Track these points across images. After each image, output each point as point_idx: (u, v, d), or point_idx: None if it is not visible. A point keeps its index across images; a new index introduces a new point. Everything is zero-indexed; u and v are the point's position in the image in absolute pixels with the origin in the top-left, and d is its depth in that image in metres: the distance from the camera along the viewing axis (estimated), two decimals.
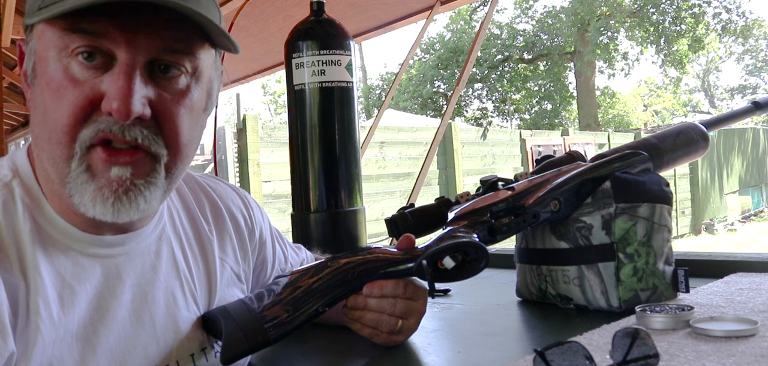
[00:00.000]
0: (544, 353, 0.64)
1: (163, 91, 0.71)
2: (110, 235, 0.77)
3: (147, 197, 0.72)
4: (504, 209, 1.03)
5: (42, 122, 0.70)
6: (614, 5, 17.71)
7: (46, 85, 0.69)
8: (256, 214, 1.00)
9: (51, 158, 0.70)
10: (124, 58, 0.68)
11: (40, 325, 0.69)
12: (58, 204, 0.74)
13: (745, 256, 1.25)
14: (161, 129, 0.71)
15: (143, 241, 0.81)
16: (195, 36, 0.72)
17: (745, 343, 0.76)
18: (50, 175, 0.72)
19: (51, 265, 0.72)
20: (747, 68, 24.49)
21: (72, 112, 0.68)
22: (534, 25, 20.37)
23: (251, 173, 6.29)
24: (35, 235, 0.72)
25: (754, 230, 12.02)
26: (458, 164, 8.57)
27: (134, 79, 0.68)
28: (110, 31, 0.67)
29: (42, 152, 0.72)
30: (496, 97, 21.72)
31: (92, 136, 0.68)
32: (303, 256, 1.13)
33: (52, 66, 0.69)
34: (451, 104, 3.84)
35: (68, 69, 0.68)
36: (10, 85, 6.76)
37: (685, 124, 1.22)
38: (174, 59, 0.71)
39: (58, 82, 0.68)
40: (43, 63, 0.70)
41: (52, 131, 0.69)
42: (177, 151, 0.73)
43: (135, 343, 0.77)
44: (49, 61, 0.69)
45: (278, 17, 3.28)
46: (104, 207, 0.70)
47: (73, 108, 0.68)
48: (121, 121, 0.67)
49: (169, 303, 0.82)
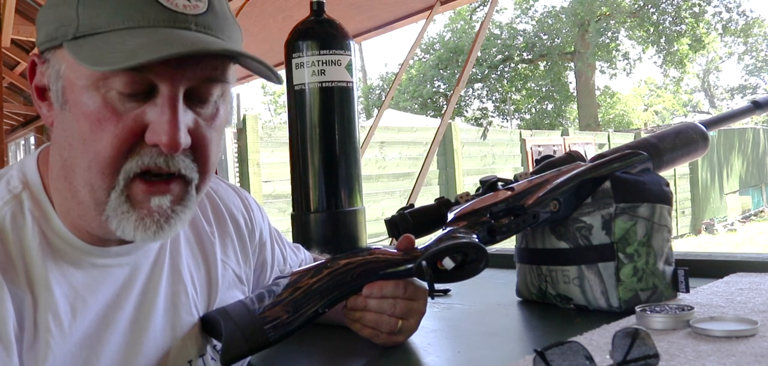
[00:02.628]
0: (544, 353, 0.64)
1: (198, 117, 0.72)
2: (117, 246, 0.77)
3: (183, 219, 0.73)
4: (504, 210, 1.03)
5: (80, 150, 0.69)
6: (614, 5, 17.71)
7: (82, 115, 0.68)
8: (257, 215, 1.00)
9: (88, 185, 0.70)
10: (168, 91, 0.68)
11: (50, 341, 0.69)
12: (67, 218, 0.74)
13: (745, 256, 1.25)
14: (196, 154, 0.72)
15: (148, 249, 0.81)
16: (228, 61, 0.73)
17: (745, 343, 0.76)
18: (82, 198, 0.71)
19: (62, 277, 0.72)
20: (747, 68, 24.49)
21: (117, 144, 0.68)
22: (534, 25, 20.36)
23: (251, 173, 6.29)
24: (45, 248, 0.72)
25: (754, 230, 12.02)
26: (458, 164, 8.57)
27: (179, 111, 0.68)
28: (153, 66, 0.66)
29: (75, 177, 0.71)
30: (496, 97, 21.72)
31: (136, 169, 0.69)
32: (302, 257, 1.13)
33: (88, 95, 0.68)
34: (451, 104, 3.84)
35: (107, 99, 0.67)
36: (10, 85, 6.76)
37: (685, 124, 1.22)
38: (211, 88, 0.72)
39: (98, 113, 0.67)
40: (75, 90, 0.68)
41: (94, 161, 0.68)
42: (207, 172, 0.75)
43: (136, 349, 0.77)
44: (85, 90, 0.68)
45: (278, 17, 3.28)
46: (145, 234, 0.71)
47: (118, 141, 0.68)
48: (170, 153, 0.68)
49: (170, 308, 0.82)
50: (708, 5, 18.38)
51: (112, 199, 0.70)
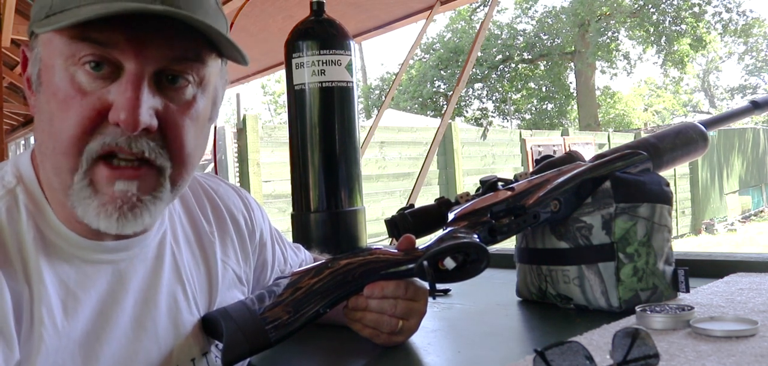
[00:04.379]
0: (544, 353, 0.64)
1: (170, 102, 0.71)
2: (112, 242, 0.76)
3: (152, 211, 0.71)
4: (504, 210, 1.03)
5: (47, 131, 0.69)
6: (614, 5, 17.71)
7: (52, 95, 0.68)
8: (257, 215, 1.00)
9: (55, 168, 0.70)
10: (132, 68, 0.67)
11: (44, 333, 0.69)
12: (61, 211, 0.74)
13: (745, 256, 1.25)
14: (167, 141, 0.71)
15: (146, 246, 0.80)
16: (203, 46, 0.71)
17: (745, 343, 0.76)
18: (53, 184, 0.71)
19: (54, 273, 0.72)
20: (747, 68, 24.48)
21: (79, 122, 0.67)
22: (534, 25, 20.36)
23: (251, 173, 6.29)
24: (39, 242, 0.72)
25: (754, 230, 12.02)
26: (458, 164, 8.57)
27: (142, 89, 0.67)
28: (118, 41, 0.66)
29: (46, 161, 0.71)
30: (496, 97, 21.71)
31: (98, 149, 0.68)
32: (302, 257, 1.13)
33: (58, 75, 0.68)
34: (451, 104, 3.84)
35: (75, 78, 0.67)
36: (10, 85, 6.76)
37: (684, 124, 1.22)
38: (182, 69, 0.71)
39: (65, 91, 0.67)
40: (49, 71, 0.69)
41: (58, 141, 0.68)
42: (181, 162, 0.73)
43: (137, 348, 0.77)
44: (55, 69, 0.68)
45: (278, 17, 3.28)
46: (108, 221, 0.69)
47: (81, 119, 0.67)
48: (129, 132, 0.67)
49: (171, 307, 0.81)
50: (708, 5, 18.38)
51: (76, 182, 0.68)
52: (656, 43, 18.79)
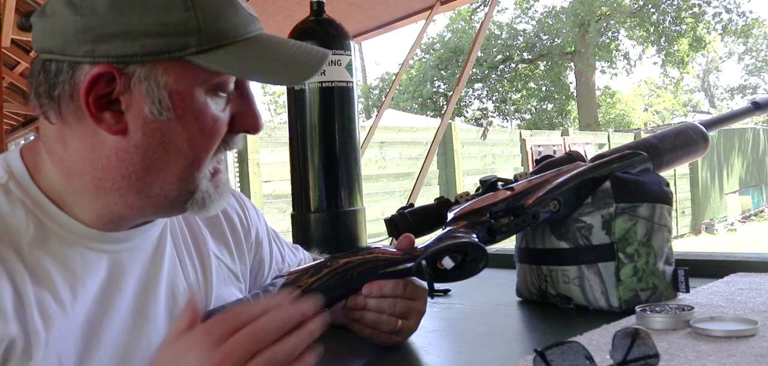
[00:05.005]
0: (544, 353, 0.64)
1: None
2: (116, 232, 0.78)
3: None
4: (503, 209, 1.03)
5: (184, 151, 0.73)
6: (614, 5, 17.71)
7: (194, 119, 0.73)
8: (252, 215, 1.01)
9: (180, 181, 0.75)
10: (245, 83, 0.78)
11: (55, 319, 0.70)
12: (70, 209, 0.75)
13: (745, 256, 1.25)
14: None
15: (146, 239, 0.82)
16: None
17: (745, 343, 0.76)
18: (159, 194, 0.75)
19: (59, 260, 0.73)
20: (747, 68, 24.48)
21: (218, 138, 0.75)
22: (534, 25, 20.35)
23: (251, 173, 6.29)
24: (40, 230, 0.72)
25: (754, 230, 12.02)
26: (458, 164, 8.57)
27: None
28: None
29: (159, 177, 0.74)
30: (496, 97, 21.71)
31: (222, 155, 0.78)
32: (300, 256, 1.14)
33: (199, 101, 0.73)
34: (451, 104, 3.85)
35: (214, 102, 0.74)
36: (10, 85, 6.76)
37: (685, 124, 1.22)
38: None
39: (210, 114, 0.74)
40: (184, 97, 0.72)
41: (197, 158, 0.74)
42: None
43: (137, 336, 0.78)
44: (193, 96, 0.72)
45: (278, 17, 3.28)
46: (219, 204, 0.79)
47: (220, 135, 0.75)
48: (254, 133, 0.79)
49: (169, 299, 0.83)
50: (708, 5, 18.37)
51: (203, 184, 0.76)
52: (656, 43, 18.79)
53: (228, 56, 0.71)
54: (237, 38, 0.72)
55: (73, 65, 0.70)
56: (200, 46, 0.70)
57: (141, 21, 0.68)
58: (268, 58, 0.75)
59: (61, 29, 0.69)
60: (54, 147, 0.75)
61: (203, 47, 0.70)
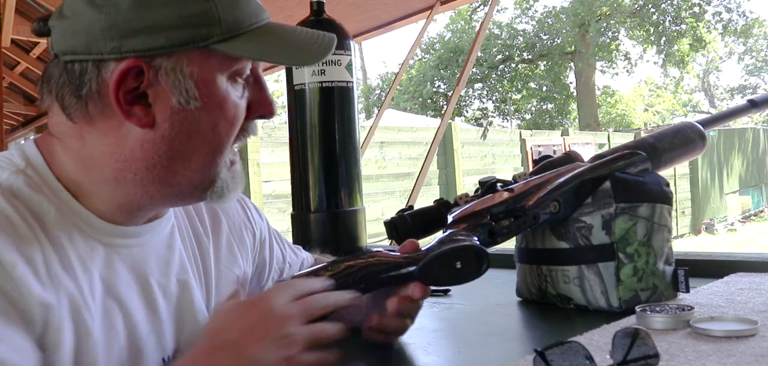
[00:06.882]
0: (544, 353, 0.64)
1: None
2: (128, 227, 0.78)
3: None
4: (504, 211, 1.03)
5: (208, 138, 0.75)
6: (614, 5, 17.70)
7: (217, 107, 0.75)
8: (254, 216, 1.01)
9: (205, 167, 0.77)
10: (258, 71, 0.80)
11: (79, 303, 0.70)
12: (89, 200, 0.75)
13: (745, 256, 1.25)
14: None
15: (158, 234, 0.82)
16: None
17: (745, 343, 0.76)
18: (183, 182, 0.76)
19: (77, 248, 0.72)
20: (747, 68, 24.48)
21: (237, 126, 0.78)
22: (534, 25, 20.34)
23: (251, 173, 6.29)
24: (60, 216, 0.72)
25: (754, 230, 12.01)
26: (458, 164, 8.56)
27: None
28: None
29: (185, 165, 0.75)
30: (496, 97, 21.70)
31: (241, 142, 0.80)
32: (302, 257, 1.14)
33: (222, 88, 0.75)
34: (451, 104, 3.85)
35: (234, 89, 0.77)
36: (10, 85, 6.76)
37: (682, 123, 1.22)
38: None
39: (232, 101, 0.76)
40: (208, 85, 0.74)
41: (219, 145, 0.77)
42: None
43: (150, 330, 0.78)
44: (216, 83, 0.75)
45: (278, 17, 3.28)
46: (236, 193, 0.81)
47: (238, 123, 0.78)
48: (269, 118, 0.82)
49: (180, 294, 0.83)
50: (708, 5, 18.37)
51: (223, 173, 0.78)
52: (656, 43, 18.78)
53: (247, 43, 0.74)
54: (251, 26, 0.75)
55: (98, 63, 0.71)
56: (222, 35, 0.72)
57: (164, 14, 0.70)
58: (284, 42, 0.78)
59: (85, 28, 0.70)
60: (69, 142, 0.75)
61: (225, 36, 0.73)
